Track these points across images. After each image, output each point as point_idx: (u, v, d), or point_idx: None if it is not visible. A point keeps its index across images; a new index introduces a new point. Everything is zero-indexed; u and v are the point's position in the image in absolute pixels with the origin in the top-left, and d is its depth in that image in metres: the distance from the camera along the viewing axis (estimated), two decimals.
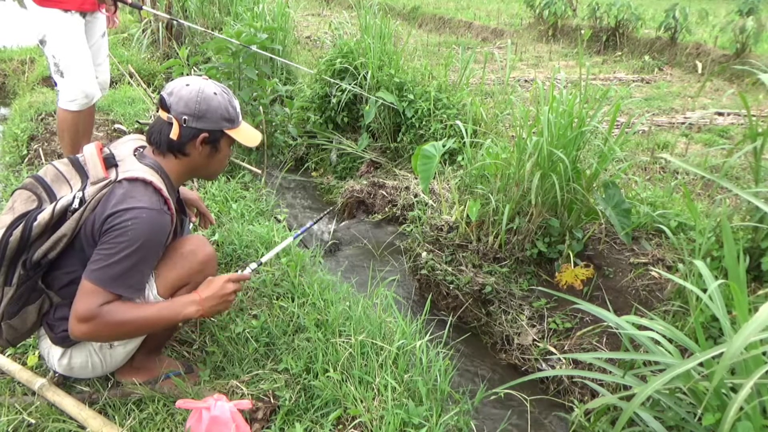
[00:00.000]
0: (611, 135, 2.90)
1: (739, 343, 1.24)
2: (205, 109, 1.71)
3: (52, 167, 1.72)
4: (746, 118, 2.35)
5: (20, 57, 6.92)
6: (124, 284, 1.57)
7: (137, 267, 1.58)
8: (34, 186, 1.68)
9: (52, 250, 1.60)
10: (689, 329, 2.08)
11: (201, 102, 1.70)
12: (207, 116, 1.71)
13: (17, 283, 1.62)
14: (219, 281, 1.74)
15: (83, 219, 1.59)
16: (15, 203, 1.64)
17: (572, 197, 2.84)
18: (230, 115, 1.77)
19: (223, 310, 1.76)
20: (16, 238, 1.57)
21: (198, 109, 1.70)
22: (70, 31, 3.01)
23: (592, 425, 2.01)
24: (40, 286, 1.68)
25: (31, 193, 1.67)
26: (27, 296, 1.66)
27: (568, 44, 9.94)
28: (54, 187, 1.68)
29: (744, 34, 7.60)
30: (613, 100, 4.47)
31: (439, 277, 3.07)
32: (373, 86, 4.66)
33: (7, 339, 1.73)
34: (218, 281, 1.74)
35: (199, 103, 1.70)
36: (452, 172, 3.93)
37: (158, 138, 1.74)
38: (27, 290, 1.65)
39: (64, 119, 3.17)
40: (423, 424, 1.80)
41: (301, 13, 10.88)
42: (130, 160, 1.71)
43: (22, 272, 1.61)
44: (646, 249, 2.92)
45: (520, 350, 2.73)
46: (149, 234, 1.57)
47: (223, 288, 1.73)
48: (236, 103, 1.82)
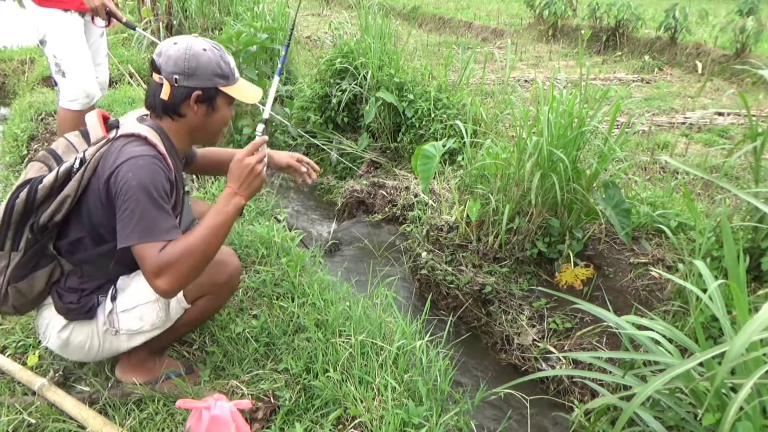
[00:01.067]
0: (611, 135, 2.90)
1: (740, 344, 1.24)
2: (194, 66, 1.65)
3: (63, 140, 1.75)
4: (746, 118, 2.35)
5: (20, 57, 6.93)
6: (161, 230, 1.55)
7: (161, 210, 1.56)
8: (46, 158, 1.71)
9: (57, 213, 1.60)
10: (689, 329, 2.08)
11: (190, 59, 1.65)
12: (197, 73, 1.66)
13: (25, 248, 1.63)
14: (238, 165, 1.65)
15: (85, 178, 1.59)
16: (27, 174, 1.67)
17: (572, 197, 2.84)
18: (223, 71, 1.70)
19: (260, 185, 1.69)
20: (22, 201, 1.58)
21: (187, 67, 1.65)
22: (71, 30, 3.01)
23: (592, 425, 2.01)
24: (50, 252, 1.68)
25: (42, 164, 1.70)
26: (36, 262, 1.67)
27: (568, 44, 9.94)
28: (65, 158, 1.71)
29: (744, 34, 7.60)
30: (613, 100, 4.47)
31: (439, 277, 3.07)
32: (373, 86, 4.66)
33: (13, 305, 1.72)
34: (237, 165, 1.65)
35: (188, 60, 1.65)
36: (452, 172, 3.93)
37: (153, 101, 1.71)
38: (35, 255, 1.66)
39: (65, 119, 3.17)
40: (423, 424, 1.80)
41: (301, 13, 10.88)
42: (131, 123, 1.71)
43: (29, 236, 1.62)
44: (646, 249, 2.92)
45: (520, 350, 2.73)
46: (149, 176, 1.55)
47: (246, 168, 1.65)
48: (229, 59, 1.74)
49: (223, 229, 1.62)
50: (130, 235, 1.53)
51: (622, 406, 1.69)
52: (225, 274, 1.86)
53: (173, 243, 1.55)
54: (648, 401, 1.75)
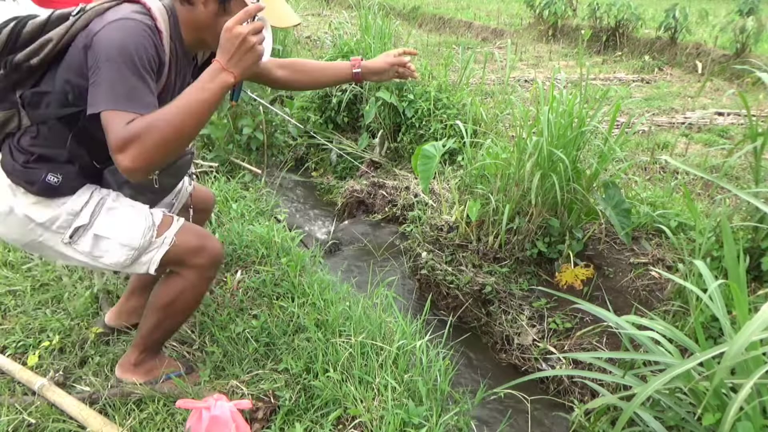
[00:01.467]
0: (611, 135, 2.90)
1: (740, 343, 1.24)
2: None
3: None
4: (746, 118, 2.35)
5: None
6: (136, 100, 1.38)
7: (141, 81, 1.40)
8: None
9: (35, 55, 1.48)
10: (689, 329, 2.08)
11: None
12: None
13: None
14: (227, 35, 1.40)
15: (75, 28, 1.47)
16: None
17: (572, 197, 2.84)
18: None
19: (254, 61, 1.42)
20: (6, 32, 1.49)
21: None
22: None
23: (592, 425, 2.01)
24: (14, 98, 1.56)
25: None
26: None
27: (568, 44, 9.94)
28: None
29: (744, 34, 7.60)
30: (613, 100, 4.47)
31: (439, 277, 3.07)
32: (372, 86, 4.66)
33: None
34: (226, 36, 1.40)
35: None
36: (452, 172, 3.93)
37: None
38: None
39: None
40: (423, 424, 1.80)
41: (301, 13, 10.88)
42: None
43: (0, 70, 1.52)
44: (646, 249, 2.92)
45: (520, 350, 2.73)
46: (136, 41, 1.41)
47: (236, 38, 1.39)
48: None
49: (204, 107, 1.38)
50: (100, 100, 1.36)
51: (622, 406, 1.69)
52: (204, 255, 1.73)
53: (143, 116, 1.36)
54: (648, 401, 1.75)
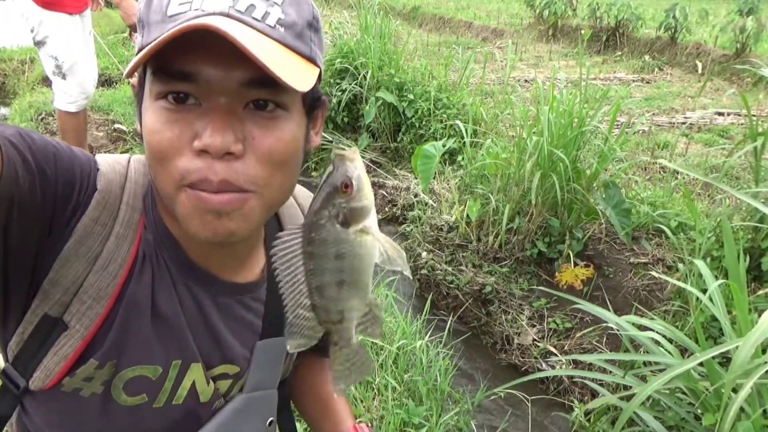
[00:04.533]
0: (611, 135, 2.90)
1: (745, 352, 1.24)
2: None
3: None
4: (746, 118, 2.35)
5: (20, 57, 6.92)
6: None
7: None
8: None
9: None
10: (689, 329, 2.08)
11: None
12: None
13: None
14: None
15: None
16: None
17: (572, 197, 2.84)
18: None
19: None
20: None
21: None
22: (73, 33, 3.03)
23: (592, 425, 2.01)
24: None
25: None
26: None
27: (568, 44, 9.94)
28: None
29: (744, 34, 7.60)
30: (613, 100, 4.47)
31: (439, 277, 3.07)
32: (373, 86, 4.66)
33: None
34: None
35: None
36: (452, 172, 3.93)
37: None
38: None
39: (67, 121, 3.18)
40: (423, 424, 1.80)
41: None
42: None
43: None
44: (646, 249, 2.92)
45: (520, 350, 2.73)
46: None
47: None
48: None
49: None
50: None
51: (622, 406, 1.69)
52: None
53: None
54: (648, 401, 1.75)
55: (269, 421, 0.83)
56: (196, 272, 0.73)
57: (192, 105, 0.59)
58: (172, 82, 0.59)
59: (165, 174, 0.61)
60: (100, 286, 0.66)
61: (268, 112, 0.61)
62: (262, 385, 0.79)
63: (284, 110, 0.62)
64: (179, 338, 0.71)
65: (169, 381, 0.72)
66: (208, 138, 0.57)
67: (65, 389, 0.67)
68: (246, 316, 0.77)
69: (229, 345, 0.76)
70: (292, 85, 0.56)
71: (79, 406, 0.68)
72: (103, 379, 0.68)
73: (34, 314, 0.65)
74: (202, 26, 0.53)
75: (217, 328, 0.75)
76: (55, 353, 0.65)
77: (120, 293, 0.67)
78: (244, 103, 0.60)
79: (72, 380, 0.67)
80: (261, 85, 0.59)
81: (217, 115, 0.58)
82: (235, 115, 0.59)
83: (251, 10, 0.59)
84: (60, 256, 0.63)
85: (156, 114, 0.60)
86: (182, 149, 0.59)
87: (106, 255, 0.66)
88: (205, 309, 0.73)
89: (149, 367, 0.70)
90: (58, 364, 0.66)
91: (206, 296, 0.73)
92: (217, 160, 0.58)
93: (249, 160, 0.60)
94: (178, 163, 0.59)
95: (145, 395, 0.71)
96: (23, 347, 0.66)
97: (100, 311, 0.66)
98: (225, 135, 0.57)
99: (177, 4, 0.59)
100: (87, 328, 0.66)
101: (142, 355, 0.69)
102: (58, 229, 0.63)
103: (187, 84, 0.58)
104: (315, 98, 0.68)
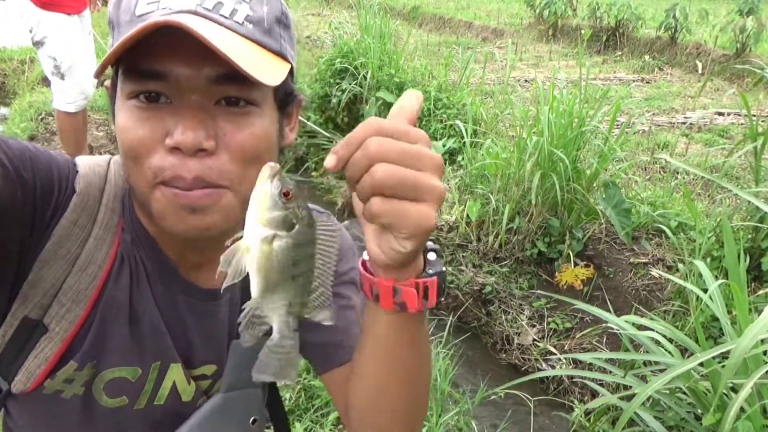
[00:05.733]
0: (611, 135, 2.90)
1: (745, 345, 1.24)
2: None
3: None
4: (746, 118, 2.36)
5: (20, 57, 6.92)
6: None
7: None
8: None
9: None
10: (689, 329, 2.08)
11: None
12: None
13: None
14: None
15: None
16: None
17: (572, 197, 2.84)
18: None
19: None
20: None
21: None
22: (72, 34, 3.02)
23: (592, 425, 2.01)
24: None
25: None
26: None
27: (568, 44, 9.94)
28: None
29: (744, 34, 7.60)
30: (613, 100, 4.47)
31: None
32: (373, 86, 4.66)
33: None
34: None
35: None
36: (452, 172, 3.93)
37: None
38: None
39: (66, 122, 3.18)
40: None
41: (301, 13, 10.89)
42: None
43: None
44: (646, 249, 2.92)
45: (520, 350, 2.73)
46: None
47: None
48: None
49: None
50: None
51: (623, 406, 1.69)
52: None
53: None
54: (648, 401, 1.75)
55: (252, 420, 0.81)
56: (173, 273, 0.72)
57: (163, 103, 0.59)
58: (142, 81, 0.59)
59: (139, 172, 0.61)
60: (79, 288, 0.65)
61: (239, 108, 0.61)
62: (241, 383, 0.78)
63: (255, 106, 0.62)
64: (157, 340, 0.71)
65: (149, 382, 0.71)
66: (180, 135, 0.57)
67: (47, 391, 0.67)
68: (222, 316, 0.77)
69: (207, 345, 0.76)
70: (259, 79, 0.56)
71: (61, 407, 0.68)
72: (83, 380, 0.68)
73: (14, 317, 0.64)
74: (169, 23, 0.53)
75: (195, 328, 0.74)
76: (36, 356, 0.65)
77: (99, 295, 0.67)
78: (215, 100, 0.60)
79: (53, 382, 0.67)
80: (230, 81, 0.59)
81: (188, 112, 0.58)
82: (206, 111, 0.59)
83: (219, 8, 0.59)
84: (39, 258, 0.63)
85: (128, 113, 0.60)
86: (155, 147, 0.59)
87: (85, 257, 0.66)
88: (183, 310, 0.73)
89: (128, 368, 0.70)
90: (39, 366, 0.66)
91: (183, 297, 0.73)
92: (190, 157, 0.58)
93: (222, 157, 0.60)
94: (151, 161, 0.59)
95: (126, 397, 0.71)
96: (4, 350, 0.66)
97: (80, 313, 0.66)
98: (196, 131, 0.57)
99: (145, 4, 0.59)
100: (66, 331, 0.65)
101: (120, 356, 0.69)
102: (38, 232, 0.63)
103: (158, 82, 0.58)
104: (287, 94, 0.68)
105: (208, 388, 0.78)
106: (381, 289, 0.59)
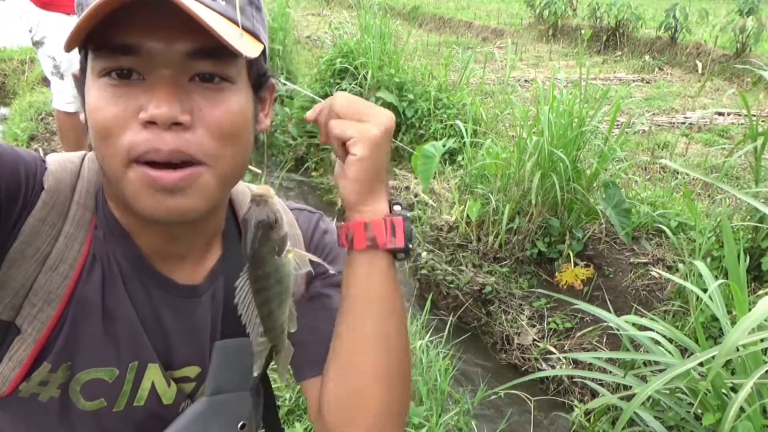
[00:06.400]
0: (611, 135, 2.90)
1: (736, 336, 1.24)
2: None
3: None
4: (746, 118, 2.36)
5: (20, 57, 6.92)
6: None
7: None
8: None
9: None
10: (689, 329, 2.08)
11: None
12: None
13: None
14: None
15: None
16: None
17: (572, 197, 2.84)
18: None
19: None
20: None
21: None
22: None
23: (592, 425, 2.01)
24: None
25: None
26: None
27: (568, 44, 9.94)
28: None
29: (744, 34, 7.60)
30: (613, 99, 4.47)
31: (439, 277, 3.07)
32: (373, 86, 4.66)
33: None
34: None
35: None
36: (452, 172, 3.93)
37: None
38: None
39: (66, 122, 3.17)
40: (423, 424, 1.80)
41: (301, 13, 10.88)
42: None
43: None
44: (646, 249, 2.92)
45: (520, 350, 2.73)
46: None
47: None
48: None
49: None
50: None
51: (623, 406, 1.69)
52: None
53: None
54: (648, 401, 1.75)
55: (241, 424, 0.77)
56: (148, 268, 0.69)
57: (136, 80, 0.57)
58: (114, 57, 0.57)
59: (111, 152, 0.58)
60: (50, 287, 0.63)
61: (214, 84, 0.60)
62: (227, 386, 0.75)
63: (230, 83, 0.61)
64: (133, 339, 0.68)
65: (128, 383, 0.69)
66: (155, 109, 0.55)
67: (23, 395, 0.65)
68: (203, 315, 0.73)
69: (187, 344, 0.73)
70: (238, 49, 0.55)
71: (38, 411, 0.67)
72: (58, 382, 0.66)
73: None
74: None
75: (173, 326, 0.71)
76: (10, 358, 0.63)
77: (71, 295, 0.65)
78: (190, 76, 0.58)
79: (28, 385, 0.65)
80: (205, 55, 0.58)
81: (161, 86, 0.56)
82: (180, 87, 0.57)
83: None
84: (7, 257, 0.61)
85: (99, 91, 0.58)
86: (128, 123, 0.57)
87: (56, 256, 0.64)
88: (160, 307, 0.70)
89: (104, 369, 0.68)
90: (13, 369, 0.64)
91: (160, 294, 0.70)
92: (166, 131, 0.56)
93: (198, 132, 0.59)
94: (124, 137, 0.57)
95: (104, 399, 0.68)
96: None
97: (52, 313, 0.64)
98: (171, 105, 0.56)
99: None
100: (39, 332, 0.64)
101: (95, 357, 0.67)
102: (4, 231, 0.61)
103: (130, 58, 0.56)
104: (261, 74, 0.67)
105: (192, 391, 0.75)
106: (354, 229, 0.68)
